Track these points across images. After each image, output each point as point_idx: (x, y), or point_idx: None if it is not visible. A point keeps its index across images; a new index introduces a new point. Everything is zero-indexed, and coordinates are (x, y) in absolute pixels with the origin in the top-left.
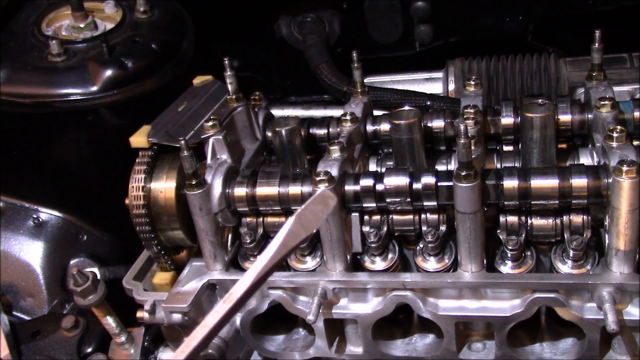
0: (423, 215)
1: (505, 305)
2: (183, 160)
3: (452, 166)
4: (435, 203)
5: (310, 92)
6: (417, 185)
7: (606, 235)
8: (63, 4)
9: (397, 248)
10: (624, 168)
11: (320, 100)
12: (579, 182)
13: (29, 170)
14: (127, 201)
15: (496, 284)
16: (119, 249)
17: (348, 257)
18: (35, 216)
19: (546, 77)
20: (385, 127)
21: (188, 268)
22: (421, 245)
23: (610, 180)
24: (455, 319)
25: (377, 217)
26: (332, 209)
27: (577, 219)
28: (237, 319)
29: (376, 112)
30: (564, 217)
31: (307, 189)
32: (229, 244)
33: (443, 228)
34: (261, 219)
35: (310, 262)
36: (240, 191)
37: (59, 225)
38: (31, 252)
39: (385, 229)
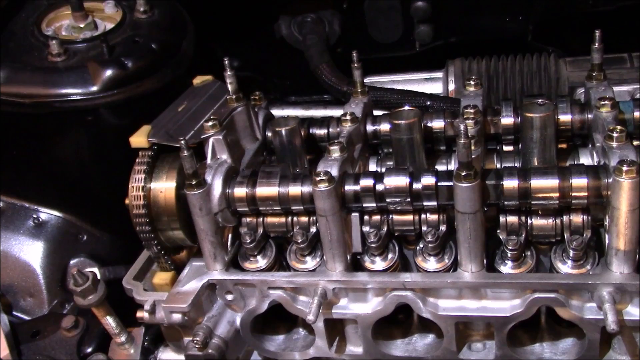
0: (423, 215)
1: (505, 305)
2: (183, 160)
3: (452, 166)
4: (435, 203)
5: (310, 92)
6: (417, 185)
7: (606, 235)
8: (63, 4)
9: (397, 248)
10: (624, 168)
11: (320, 100)
12: (579, 182)
13: (29, 170)
14: (127, 201)
15: (496, 284)
16: (119, 249)
17: (348, 257)
18: (35, 216)
19: (546, 77)
20: (385, 127)
21: (188, 268)
22: (421, 245)
23: (610, 180)
24: (455, 319)
25: (377, 217)
26: None
27: (577, 219)
28: (237, 318)
29: (376, 112)
30: (564, 217)
31: (307, 189)
32: (229, 244)
33: (443, 228)
34: (261, 219)
35: (310, 262)
36: (240, 191)
37: (59, 225)
38: (31, 252)
39: (385, 229)
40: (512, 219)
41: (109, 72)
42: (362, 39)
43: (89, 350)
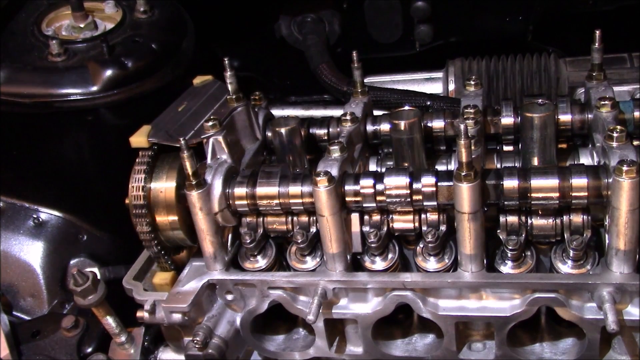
0: (423, 215)
1: (505, 305)
2: (183, 160)
3: (452, 166)
4: (435, 203)
5: (310, 92)
6: (417, 185)
7: (606, 235)
8: (63, 4)
9: (397, 248)
10: (624, 168)
11: (320, 100)
12: (579, 182)
13: (29, 170)
14: (127, 201)
15: (496, 284)
16: (119, 249)
17: (348, 257)
18: (35, 216)
19: (546, 77)
20: (385, 127)
21: (188, 268)
22: (421, 245)
23: (610, 180)
24: (455, 319)
25: (377, 217)
26: None
27: (577, 219)
28: (237, 318)
29: (376, 112)
30: (564, 217)
31: (307, 188)
32: (229, 244)
33: (443, 228)
34: (261, 219)
35: (310, 262)
36: (240, 191)
37: (59, 225)
38: (31, 252)
39: (385, 229)
40: (512, 219)
41: (109, 72)
42: (362, 39)
43: (89, 350)
